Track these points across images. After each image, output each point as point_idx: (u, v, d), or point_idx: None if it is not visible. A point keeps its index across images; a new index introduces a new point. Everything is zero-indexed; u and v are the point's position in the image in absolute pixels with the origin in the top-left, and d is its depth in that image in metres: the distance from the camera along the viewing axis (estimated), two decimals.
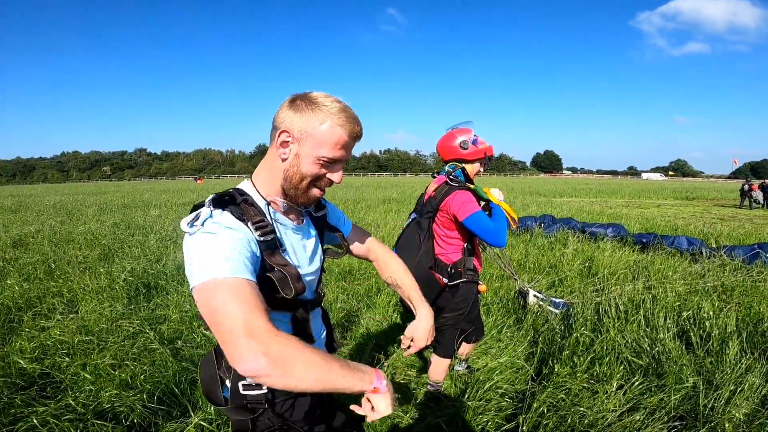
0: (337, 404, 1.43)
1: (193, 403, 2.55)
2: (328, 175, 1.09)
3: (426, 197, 2.47)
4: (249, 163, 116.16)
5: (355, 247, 1.41)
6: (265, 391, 1.09)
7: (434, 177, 2.56)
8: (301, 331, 1.16)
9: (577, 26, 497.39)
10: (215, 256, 0.86)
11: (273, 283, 1.01)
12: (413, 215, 2.57)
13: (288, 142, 1.05)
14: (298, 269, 1.11)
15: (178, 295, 4.29)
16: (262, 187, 1.10)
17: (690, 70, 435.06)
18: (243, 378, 1.06)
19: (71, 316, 3.87)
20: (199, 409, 2.48)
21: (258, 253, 0.98)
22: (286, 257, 1.08)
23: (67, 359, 3.04)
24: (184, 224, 0.93)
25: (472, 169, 2.46)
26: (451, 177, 2.35)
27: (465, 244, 2.42)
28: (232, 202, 1.01)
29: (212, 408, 2.44)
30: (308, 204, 1.14)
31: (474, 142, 2.39)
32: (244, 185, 1.12)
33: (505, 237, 2.24)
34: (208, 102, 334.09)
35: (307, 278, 1.16)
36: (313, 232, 1.25)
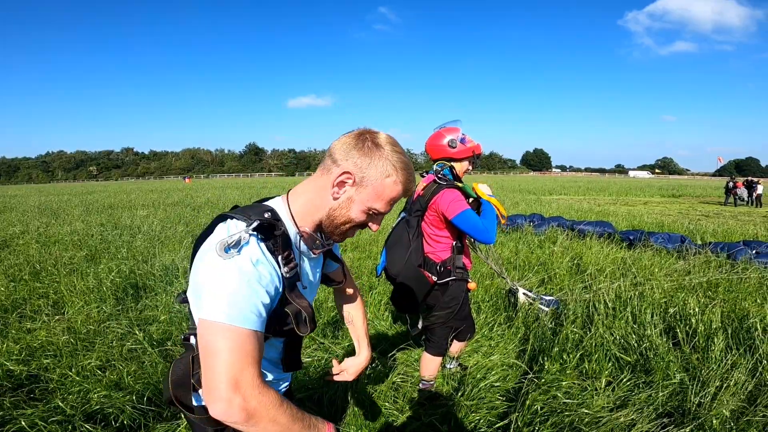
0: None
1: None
2: (369, 223, 1.06)
3: (415, 196, 2.48)
4: (238, 162, 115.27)
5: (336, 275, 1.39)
6: None
7: (423, 176, 2.57)
8: (292, 356, 1.14)
9: (566, 25, 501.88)
10: (235, 298, 0.86)
11: (288, 316, 0.99)
12: (402, 214, 2.58)
13: (346, 183, 1.01)
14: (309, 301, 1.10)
15: (167, 296, 4.25)
16: (297, 213, 1.06)
17: (677, 69, 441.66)
18: None
19: (57, 317, 3.82)
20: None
21: (279, 289, 0.97)
22: (304, 293, 1.06)
23: (54, 361, 3.00)
24: (219, 248, 0.88)
25: (460, 167, 2.48)
26: (439, 176, 2.37)
27: (454, 242, 2.44)
28: (271, 231, 0.97)
29: None
30: (339, 242, 1.13)
31: (462, 141, 2.41)
32: (277, 204, 1.07)
33: (495, 234, 2.26)
34: (196, 101, 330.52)
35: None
36: (321, 259, 1.24)
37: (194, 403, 1.06)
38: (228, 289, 0.86)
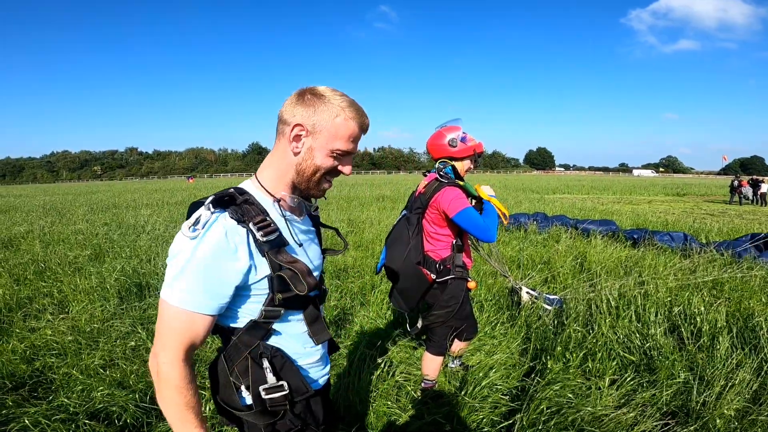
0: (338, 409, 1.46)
1: None
2: (340, 168, 1.11)
3: (416, 194, 2.48)
4: (242, 162, 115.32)
5: None
6: (287, 391, 1.08)
7: (425, 175, 2.57)
8: (318, 328, 1.15)
9: (568, 23, 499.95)
10: (193, 283, 0.94)
11: (285, 281, 1.01)
12: (404, 212, 2.57)
13: (301, 135, 1.06)
14: (311, 264, 1.12)
15: None
16: (268, 184, 1.10)
17: (680, 67, 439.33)
18: (264, 382, 1.07)
19: (62, 316, 3.84)
20: None
21: (259, 254, 0.99)
22: (293, 254, 1.07)
23: (58, 359, 3.02)
24: (185, 228, 0.95)
25: (461, 166, 2.47)
26: (441, 174, 2.36)
27: (454, 241, 2.43)
28: (232, 202, 1.01)
29: (207, 408, 2.42)
30: (318, 196, 1.16)
31: (463, 140, 2.40)
32: (247, 185, 1.11)
33: (495, 233, 2.25)
34: (200, 101, 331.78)
35: (315, 273, 1.15)
36: (312, 228, 1.26)
37: (242, 403, 1.10)
38: (186, 267, 0.94)
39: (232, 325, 1.07)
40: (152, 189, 30.79)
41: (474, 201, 2.47)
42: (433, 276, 2.39)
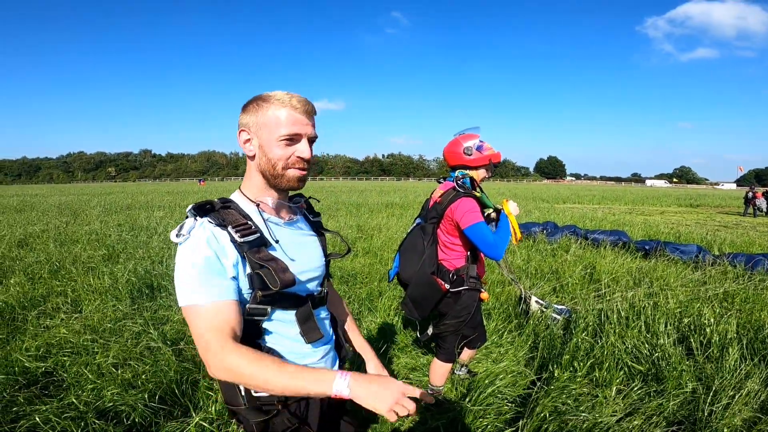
0: (349, 413, 1.46)
1: (194, 403, 2.57)
2: (296, 153, 1.14)
3: (431, 202, 2.49)
4: None
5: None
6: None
7: (440, 182, 2.58)
8: (309, 327, 1.18)
9: (582, 31, 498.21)
10: (194, 281, 1.00)
11: (263, 278, 1.06)
12: (418, 220, 2.58)
13: (249, 138, 1.15)
14: (292, 262, 1.15)
15: None
16: (249, 192, 1.19)
17: (697, 75, 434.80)
18: None
19: (75, 315, 3.90)
20: (200, 410, 2.50)
21: (239, 255, 1.06)
22: (272, 252, 1.12)
23: (70, 358, 3.07)
24: (173, 236, 1.05)
25: (476, 175, 2.47)
26: (458, 183, 2.35)
27: (468, 252, 2.43)
28: (211, 209, 1.10)
29: (213, 408, 2.46)
30: (294, 186, 1.18)
31: (479, 149, 2.40)
32: (234, 195, 1.20)
33: (503, 251, 2.25)
34: (212, 104, 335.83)
35: (307, 274, 1.21)
36: (312, 232, 1.32)
37: (239, 400, 1.14)
38: (186, 271, 1.01)
39: None
40: (165, 191, 31.19)
41: (492, 212, 2.47)
42: (447, 286, 2.39)
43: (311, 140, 1.17)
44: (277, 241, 1.15)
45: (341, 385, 0.92)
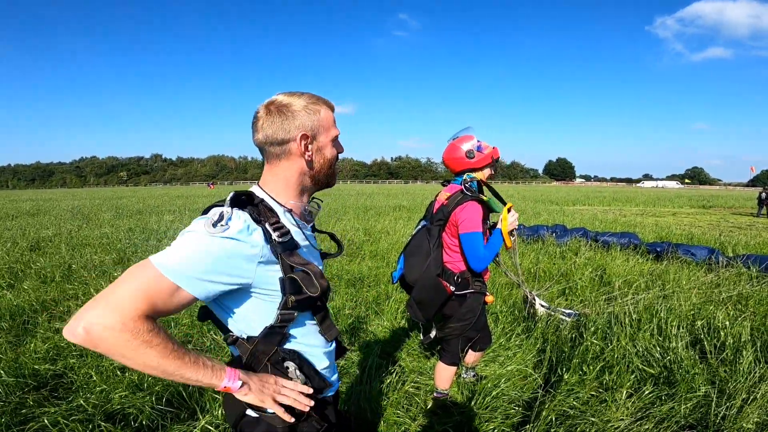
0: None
1: (201, 406, 2.58)
2: (338, 151, 1.21)
3: (437, 205, 2.47)
4: (261, 169, 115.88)
5: None
6: (311, 390, 1.11)
7: (444, 185, 2.56)
8: (327, 324, 1.18)
9: (591, 31, 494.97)
10: (188, 255, 0.92)
11: (297, 283, 1.02)
12: (423, 222, 2.57)
13: (308, 143, 1.12)
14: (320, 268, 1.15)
15: None
16: (277, 195, 1.13)
17: (710, 75, 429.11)
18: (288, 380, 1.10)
19: None
20: (207, 412, 2.50)
21: (274, 254, 1.00)
22: (305, 257, 1.09)
23: (79, 360, 3.10)
24: (208, 225, 0.93)
25: (482, 175, 2.46)
26: (466, 186, 2.35)
27: None
28: (250, 202, 1.05)
29: (220, 411, 2.46)
30: (334, 183, 1.25)
31: (479, 149, 2.39)
32: (254, 189, 1.15)
33: (485, 265, 2.31)
34: (222, 108, 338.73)
35: None
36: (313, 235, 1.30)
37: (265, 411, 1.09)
38: (194, 252, 0.92)
39: (249, 334, 1.07)
40: (175, 195, 31.50)
41: (490, 220, 2.46)
42: (452, 288, 2.39)
43: None
44: (304, 247, 1.12)
45: (231, 377, 0.97)
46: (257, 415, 1.09)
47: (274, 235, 1.00)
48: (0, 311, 4.03)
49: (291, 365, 1.09)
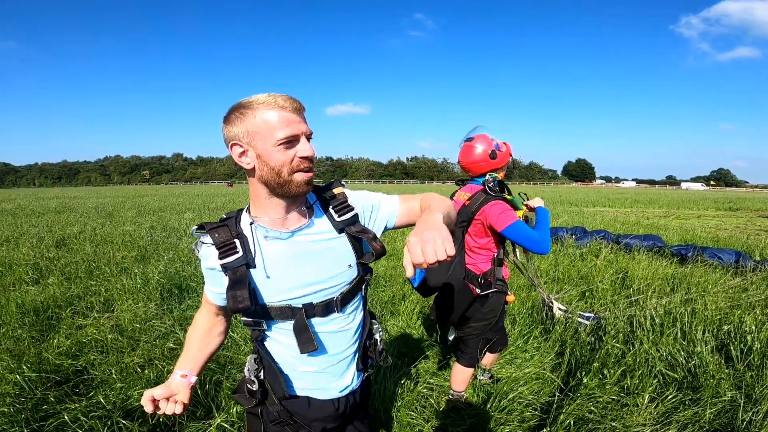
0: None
1: (217, 404, 2.60)
2: (298, 154, 1.07)
3: (457, 206, 2.44)
4: None
5: (405, 218, 1.30)
6: (254, 387, 1.24)
7: (459, 185, 2.53)
8: (305, 339, 1.15)
9: (614, 31, 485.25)
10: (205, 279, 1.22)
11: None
12: None
13: (244, 151, 1.07)
14: (278, 279, 1.12)
15: None
16: (252, 205, 1.16)
17: (739, 75, 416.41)
18: (248, 372, 1.26)
19: (107, 314, 4.02)
20: (222, 410, 2.52)
21: (220, 273, 1.13)
22: (254, 271, 1.12)
23: (100, 357, 3.15)
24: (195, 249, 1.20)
25: (501, 175, 2.44)
26: (489, 186, 2.30)
27: (495, 254, 2.38)
28: (210, 226, 1.15)
29: (234, 410, 2.47)
30: (304, 191, 1.11)
31: (498, 148, 2.36)
32: (244, 209, 1.22)
33: (549, 244, 2.20)
34: None
35: (307, 288, 1.15)
36: (333, 234, 1.19)
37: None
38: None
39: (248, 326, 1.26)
40: (195, 194, 32.02)
41: (526, 212, 2.43)
42: (477, 290, 2.36)
43: (308, 137, 1.10)
44: (263, 260, 1.13)
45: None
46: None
47: (217, 255, 1.11)
48: (25, 307, 4.14)
49: (250, 359, 1.26)
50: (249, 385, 1.24)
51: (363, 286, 1.29)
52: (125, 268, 5.77)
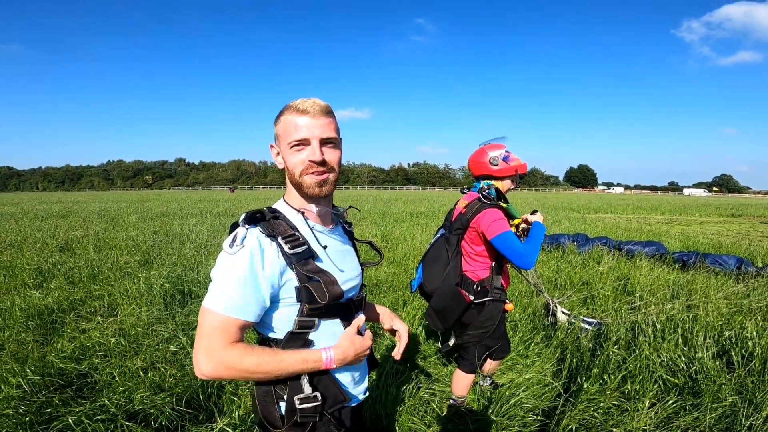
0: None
1: (219, 408, 2.61)
2: (307, 156, 1.10)
3: (456, 213, 2.47)
4: (281, 174, 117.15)
5: None
6: (319, 402, 1.10)
7: (463, 192, 2.55)
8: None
9: (615, 36, 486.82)
10: (225, 288, 1.02)
11: (311, 291, 1.07)
12: (441, 230, 2.57)
13: (277, 152, 1.18)
14: (341, 273, 1.16)
15: None
16: (292, 201, 1.19)
17: (741, 79, 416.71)
18: (300, 392, 1.10)
19: (110, 319, 4.04)
20: (225, 415, 2.53)
21: (288, 266, 1.07)
22: (320, 264, 1.12)
23: (104, 360, 3.17)
24: (226, 245, 1.05)
25: (502, 185, 2.44)
26: (484, 194, 2.33)
27: (493, 263, 2.40)
28: (262, 219, 1.10)
29: (237, 414, 2.49)
30: (315, 193, 1.14)
31: (505, 159, 2.38)
32: (278, 204, 1.22)
33: (534, 260, 2.19)
34: (243, 114, 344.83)
35: (350, 283, 1.20)
36: (348, 241, 1.33)
37: (278, 413, 1.13)
38: (222, 277, 1.03)
39: (272, 335, 1.13)
40: (197, 199, 32.11)
41: (520, 224, 2.44)
42: (471, 297, 2.37)
43: (324, 142, 1.11)
44: (325, 248, 1.15)
45: (329, 354, 1.08)
46: (283, 413, 1.13)
47: (286, 248, 1.05)
48: (29, 311, 4.17)
49: (305, 377, 1.10)
50: (305, 404, 1.09)
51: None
52: (128, 273, 5.80)
